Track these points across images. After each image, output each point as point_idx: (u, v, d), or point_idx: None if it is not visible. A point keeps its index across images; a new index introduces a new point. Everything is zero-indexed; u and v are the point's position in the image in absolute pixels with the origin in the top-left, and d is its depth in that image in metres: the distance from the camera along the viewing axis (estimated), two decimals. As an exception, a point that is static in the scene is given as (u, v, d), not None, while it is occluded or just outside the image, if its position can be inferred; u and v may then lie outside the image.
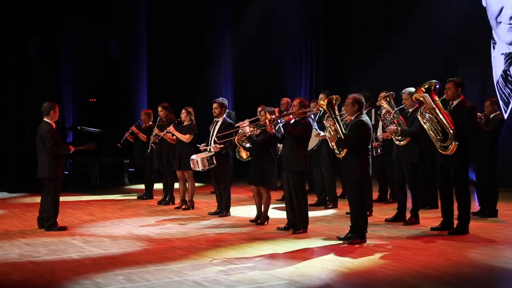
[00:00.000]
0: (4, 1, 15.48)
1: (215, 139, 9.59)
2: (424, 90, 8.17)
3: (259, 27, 17.12)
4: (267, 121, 8.35)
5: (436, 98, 8.13)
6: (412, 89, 8.77)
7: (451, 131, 7.98)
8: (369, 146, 8.32)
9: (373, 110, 10.04)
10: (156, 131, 11.04)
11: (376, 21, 16.07)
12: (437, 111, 8.09)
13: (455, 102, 8.18)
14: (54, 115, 8.72)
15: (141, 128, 11.76)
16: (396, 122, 8.94)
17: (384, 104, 9.20)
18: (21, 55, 16.02)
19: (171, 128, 10.49)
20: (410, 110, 8.95)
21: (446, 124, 8.03)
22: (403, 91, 9.05)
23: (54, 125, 8.71)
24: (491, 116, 9.60)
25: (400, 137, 8.87)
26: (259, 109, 9.56)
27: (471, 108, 8.17)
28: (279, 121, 8.50)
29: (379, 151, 10.00)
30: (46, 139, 8.57)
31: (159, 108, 11.19)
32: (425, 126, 8.25)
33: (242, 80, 17.29)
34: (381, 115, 9.23)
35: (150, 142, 11.19)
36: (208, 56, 17.27)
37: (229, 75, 17.60)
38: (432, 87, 8.19)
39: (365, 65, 16.03)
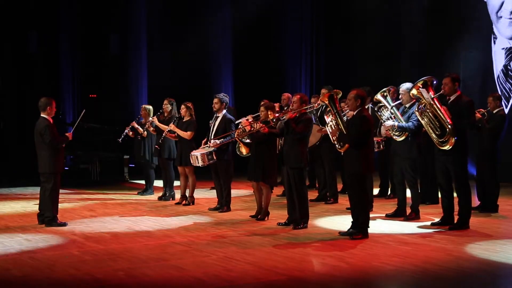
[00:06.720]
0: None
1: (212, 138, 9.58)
2: (421, 86, 8.15)
3: (260, 22, 17.07)
4: (256, 123, 8.32)
5: (433, 93, 8.13)
6: (409, 84, 8.78)
7: (449, 126, 7.96)
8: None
9: (370, 106, 10.02)
10: (154, 119, 11.01)
11: (376, 17, 16.05)
12: (435, 106, 8.08)
13: (452, 97, 8.16)
14: (51, 110, 8.69)
15: (141, 124, 11.74)
16: (393, 117, 8.92)
17: (381, 100, 9.19)
18: (21, 50, 15.99)
19: (172, 126, 10.45)
20: (407, 105, 8.93)
21: (444, 119, 8.01)
22: (400, 86, 9.05)
23: (51, 121, 8.69)
24: (494, 112, 9.57)
25: (397, 133, 8.85)
26: (262, 103, 9.54)
27: (469, 102, 8.15)
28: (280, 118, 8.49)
29: (381, 146, 9.98)
30: (44, 135, 8.56)
31: (165, 102, 11.13)
32: (422, 122, 8.24)
33: (243, 76, 17.26)
34: (378, 111, 9.22)
35: (145, 127, 11.19)
36: (208, 51, 17.23)
37: (229, 70, 17.57)
38: (429, 83, 8.18)
39: (365, 60, 16.01)
